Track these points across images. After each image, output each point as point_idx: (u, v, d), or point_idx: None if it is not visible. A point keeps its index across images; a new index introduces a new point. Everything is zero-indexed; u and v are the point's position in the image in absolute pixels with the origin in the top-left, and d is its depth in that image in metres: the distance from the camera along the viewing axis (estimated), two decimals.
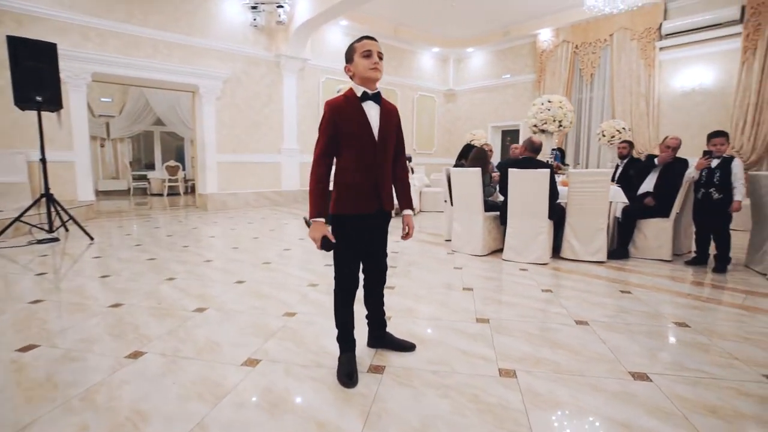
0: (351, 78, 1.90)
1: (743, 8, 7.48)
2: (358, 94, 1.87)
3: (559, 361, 2.14)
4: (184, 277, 3.64)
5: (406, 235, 2.10)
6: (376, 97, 1.88)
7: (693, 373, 2.03)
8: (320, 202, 1.85)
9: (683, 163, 4.35)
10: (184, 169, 12.28)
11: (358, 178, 1.87)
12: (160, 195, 11.61)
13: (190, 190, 12.59)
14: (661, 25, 8.36)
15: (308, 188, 1.88)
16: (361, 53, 1.82)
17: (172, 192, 11.82)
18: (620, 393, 1.84)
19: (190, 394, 1.79)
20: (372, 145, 1.87)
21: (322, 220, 1.84)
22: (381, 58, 1.85)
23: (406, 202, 2.08)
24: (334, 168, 1.92)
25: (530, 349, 2.27)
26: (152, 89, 10.51)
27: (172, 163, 11.48)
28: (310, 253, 4.68)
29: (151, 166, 13.06)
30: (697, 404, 1.77)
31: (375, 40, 1.86)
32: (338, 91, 8.31)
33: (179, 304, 2.95)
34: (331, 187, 1.90)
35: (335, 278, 2.00)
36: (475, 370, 2.04)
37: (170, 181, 11.43)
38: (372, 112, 1.87)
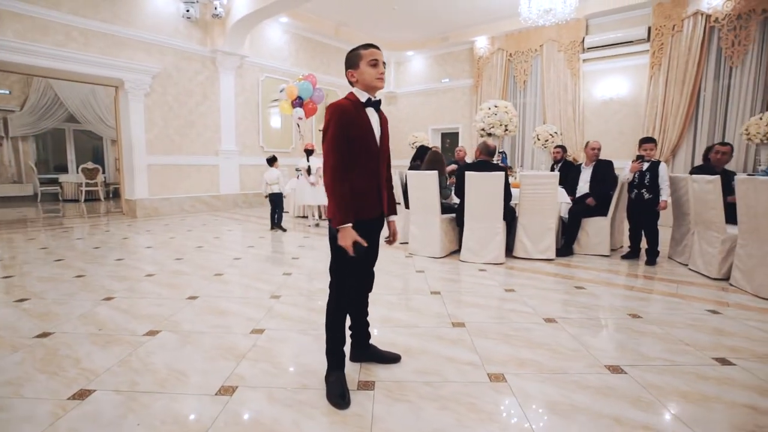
0: (352, 84, 1.85)
1: (649, 29, 8.43)
2: (362, 100, 1.83)
3: (541, 360, 2.20)
4: (124, 295, 3.23)
5: (391, 241, 2.06)
6: (377, 104, 1.86)
7: (658, 362, 2.20)
8: (345, 209, 1.74)
9: (608, 164, 4.77)
10: (104, 172, 11.02)
11: (364, 184, 1.82)
12: (76, 201, 10.30)
13: (112, 195, 11.36)
14: (584, 39, 9.14)
15: (327, 199, 1.78)
16: (368, 61, 1.79)
17: (91, 197, 10.55)
18: (603, 388, 1.93)
19: None
20: (375, 151, 1.85)
21: (349, 225, 1.74)
22: (384, 68, 1.83)
23: (393, 207, 2.03)
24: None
25: (511, 351, 2.31)
26: (62, 81, 9.31)
27: (90, 165, 10.22)
28: (263, 261, 4.41)
29: (62, 169, 11.51)
30: (669, 392, 1.91)
31: (380, 49, 1.85)
32: (281, 90, 8.05)
33: (125, 328, 2.59)
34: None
35: (334, 289, 1.90)
36: (465, 378, 2.02)
37: (88, 185, 10.18)
38: (373, 117, 1.86)
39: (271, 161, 6.38)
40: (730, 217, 3.73)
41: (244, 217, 7.79)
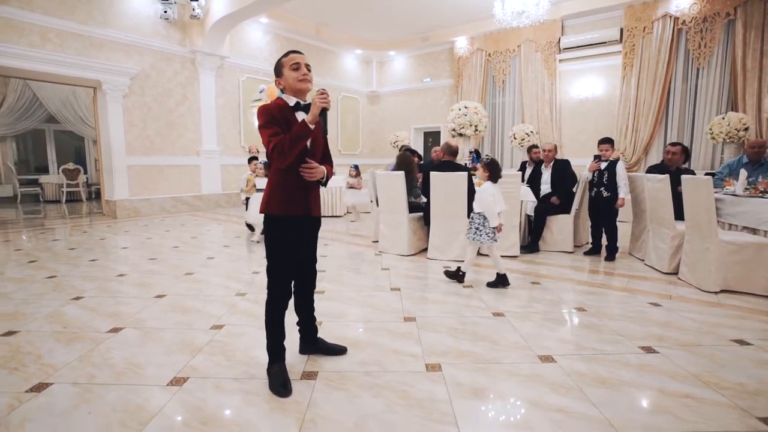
0: (282, 91, 1.95)
1: (622, 30, 8.64)
2: (291, 104, 1.93)
3: (479, 352, 2.36)
4: (93, 294, 3.32)
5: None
6: (307, 108, 1.92)
7: (588, 351, 2.36)
8: (296, 128, 1.79)
9: (565, 163, 4.96)
10: (86, 173, 11.00)
11: (289, 181, 1.92)
12: (57, 202, 10.28)
13: (95, 195, 11.34)
14: (559, 39, 9.34)
15: (286, 147, 1.79)
16: (289, 66, 1.89)
17: (72, 198, 10.53)
18: (531, 375, 2.09)
19: (111, 423, 1.68)
20: (303, 153, 1.92)
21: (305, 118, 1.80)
22: (309, 70, 1.94)
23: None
24: (271, 170, 1.95)
25: (454, 343, 2.47)
26: (42, 82, 9.25)
27: (71, 165, 10.20)
28: (236, 260, 4.52)
29: (43, 169, 11.46)
30: (590, 378, 2.07)
31: (302, 53, 1.95)
32: (261, 91, 8.13)
33: (90, 325, 2.70)
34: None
35: (269, 285, 2.01)
36: (404, 368, 2.16)
37: (69, 186, 10.16)
38: None
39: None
40: (682, 214, 3.92)
41: (225, 217, 7.86)
